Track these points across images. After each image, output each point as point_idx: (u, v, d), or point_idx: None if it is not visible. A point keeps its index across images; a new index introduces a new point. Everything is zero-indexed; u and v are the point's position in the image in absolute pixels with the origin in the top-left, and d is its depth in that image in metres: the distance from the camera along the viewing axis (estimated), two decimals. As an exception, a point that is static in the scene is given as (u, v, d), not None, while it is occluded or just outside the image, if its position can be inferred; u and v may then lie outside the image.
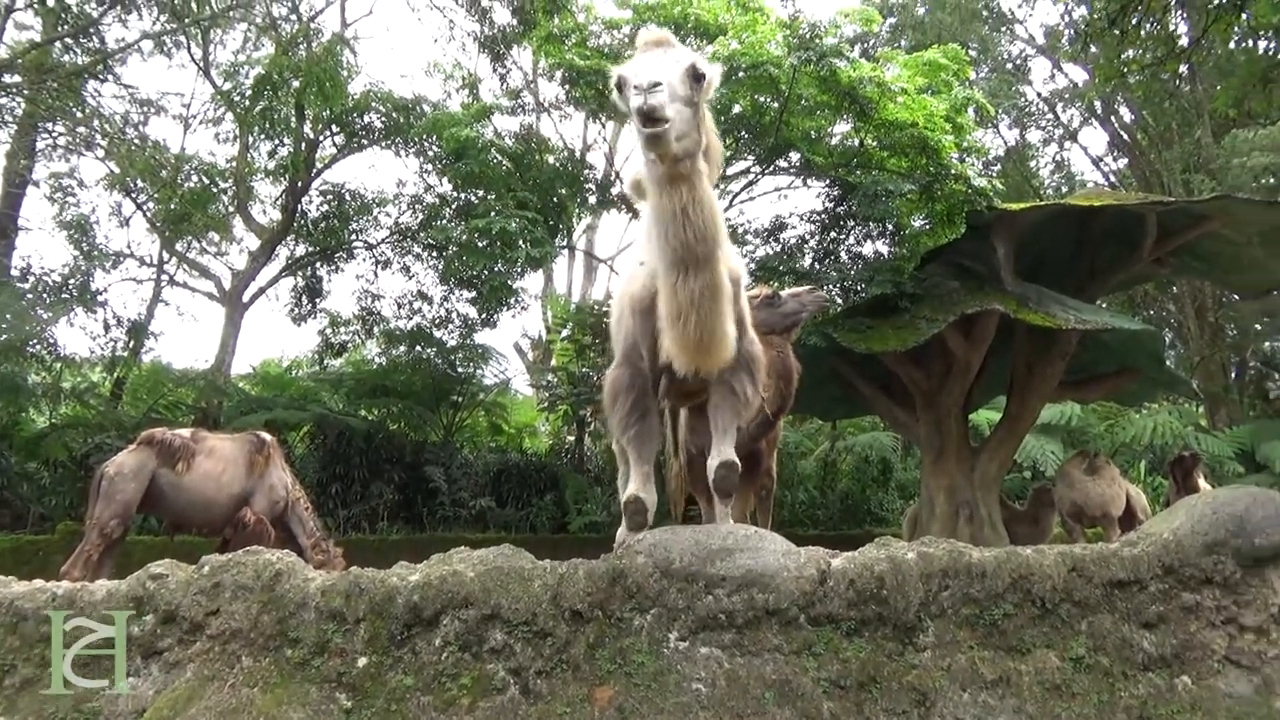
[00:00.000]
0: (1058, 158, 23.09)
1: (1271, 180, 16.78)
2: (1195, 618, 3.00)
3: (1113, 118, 21.57)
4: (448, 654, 2.84)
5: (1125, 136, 21.70)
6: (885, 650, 2.91)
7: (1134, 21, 7.76)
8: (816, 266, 13.00)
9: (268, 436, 8.03)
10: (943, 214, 11.90)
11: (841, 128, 12.51)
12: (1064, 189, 21.04)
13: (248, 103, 15.13)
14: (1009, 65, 22.33)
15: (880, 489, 16.23)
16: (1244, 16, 7.96)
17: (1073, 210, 11.58)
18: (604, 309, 16.41)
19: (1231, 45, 10.99)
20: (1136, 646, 2.95)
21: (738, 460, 3.52)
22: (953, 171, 11.05)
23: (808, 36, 11.14)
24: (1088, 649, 2.93)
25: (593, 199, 15.39)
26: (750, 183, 14.87)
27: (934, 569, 3.00)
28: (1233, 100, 9.55)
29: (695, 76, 2.87)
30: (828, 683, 2.84)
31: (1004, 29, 22.04)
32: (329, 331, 17.02)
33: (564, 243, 17.64)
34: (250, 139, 15.94)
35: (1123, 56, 8.84)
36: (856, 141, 11.98)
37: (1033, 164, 23.02)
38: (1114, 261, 12.14)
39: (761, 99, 12.35)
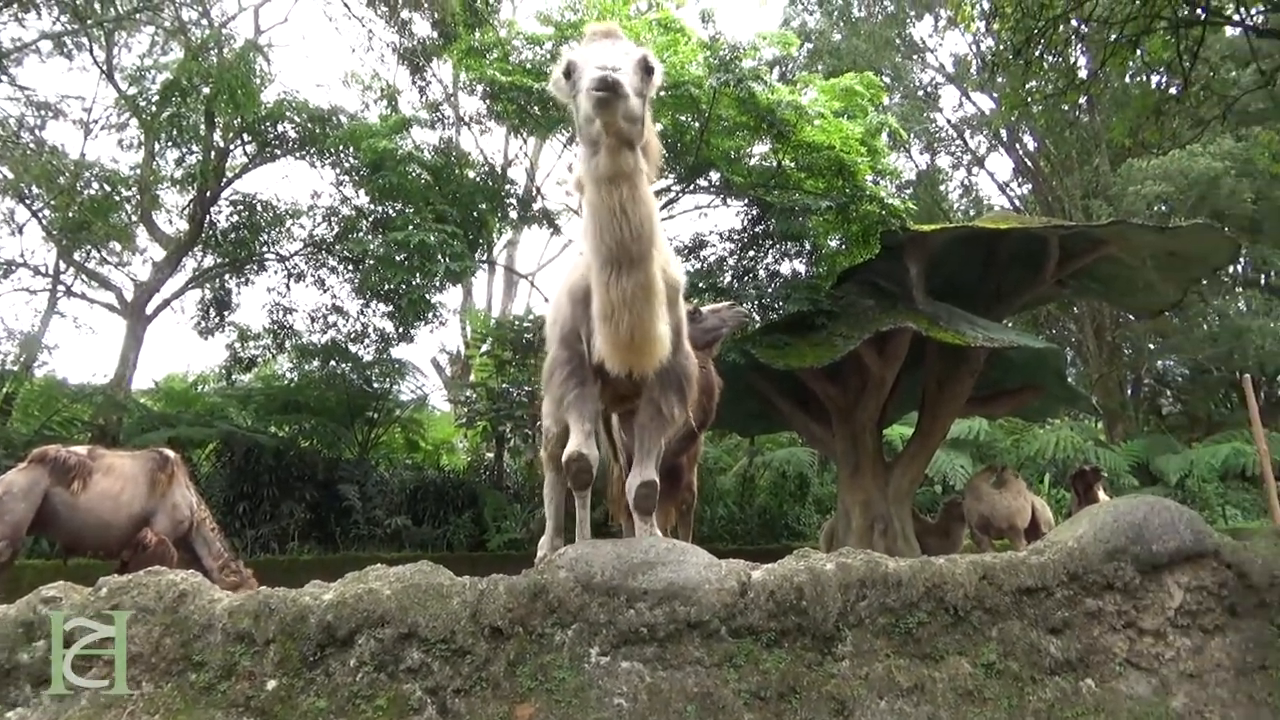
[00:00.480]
0: (966, 182, 24.09)
1: (1164, 207, 17.82)
2: (1098, 622, 3.11)
3: (1018, 145, 22.62)
4: (363, 675, 2.74)
5: (1029, 163, 22.76)
6: (805, 660, 2.93)
7: (1037, 53, 8.14)
8: (735, 284, 13.19)
9: (171, 454, 7.67)
10: (858, 234, 12.22)
11: (760, 148, 12.73)
12: (971, 212, 21.91)
13: (154, 108, 14.57)
14: (920, 92, 23.20)
15: (798, 504, 16.50)
16: (1139, 52, 8.43)
17: (981, 232, 12.05)
18: (524, 324, 16.30)
19: (1127, 79, 11.61)
20: (1044, 651, 3.04)
21: (658, 480, 3.52)
22: (867, 193, 11.38)
23: (727, 59, 11.33)
24: (998, 655, 3.01)
25: (514, 214, 15.31)
26: (671, 200, 15.01)
27: (852, 579, 3.05)
28: (1127, 130, 10.12)
29: (646, 69, 2.87)
30: (748, 694, 2.85)
31: (916, 57, 22.90)
32: (238, 346, 16.44)
33: (484, 257, 17.48)
34: (156, 146, 15.33)
35: (1026, 86, 9.24)
36: (774, 162, 12.21)
37: (943, 188, 23.92)
38: (1019, 282, 12.68)
39: (683, 118, 12.52)
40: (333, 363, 16.20)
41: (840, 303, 12.22)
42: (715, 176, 13.50)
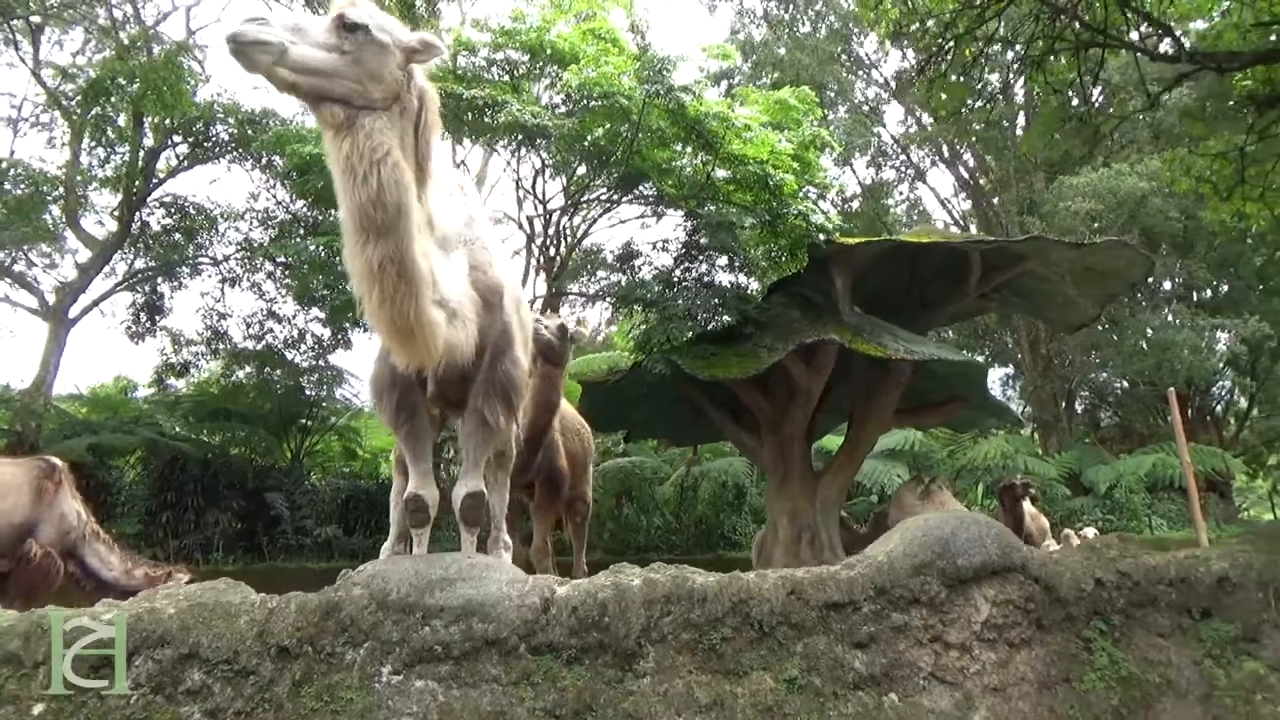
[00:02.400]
0: (909, 196, 24.41)
1: (1095, 224, 18.17)
2: (904, 636, 3.14)
3: (958, 161, 22.98)
4: (138, 697, 2.68)
5: (969, 179, 23.13)
6: (605, 677, 2.92)
7: (942, 70, 8.27)
8: (666, 294, 13.23)
9: (58, 461, 7.48)
10: (786, 247, 12.33)
11: (692, 160, 12.80)
12: (915, 226, 22.18)
13: (80, 107, 14.30)
14: (865, 107, 23.47)
15: (734, 513, 16.54)
16: (1042, 73, 8.59)
17: (905, 246, 12.18)
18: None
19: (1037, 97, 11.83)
20: (848, 666, 3.06)
21: (485, 490, 3.50)
22: (793, 207, 11.47)
23: (656, 70, 11.37)
24: (801, 670, 3.02)
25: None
26: (607, 209, 15.04)
27: (657, 595, 3.04)
28: (1036, 145, 10.29)
29: (346, 25, 2.92)
30: (543, 712, 2.83)
31: (860, 72, 23.19)
32: (170, 351, 16.15)
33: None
34: (84, 145, 15.04)
35: (944, 99, 9.38)
36: (704, 174, 12.27)
37: (889, 201, 24.21)
38: (944, 295, 12.82)
39: (616, 128, 12.55)
40: (268, 369, 15.97)
41: (768, 314, 12.29)
42: (651, 188, 13.55)
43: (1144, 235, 17.16)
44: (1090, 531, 11.83)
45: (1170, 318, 18.50)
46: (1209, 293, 23.30)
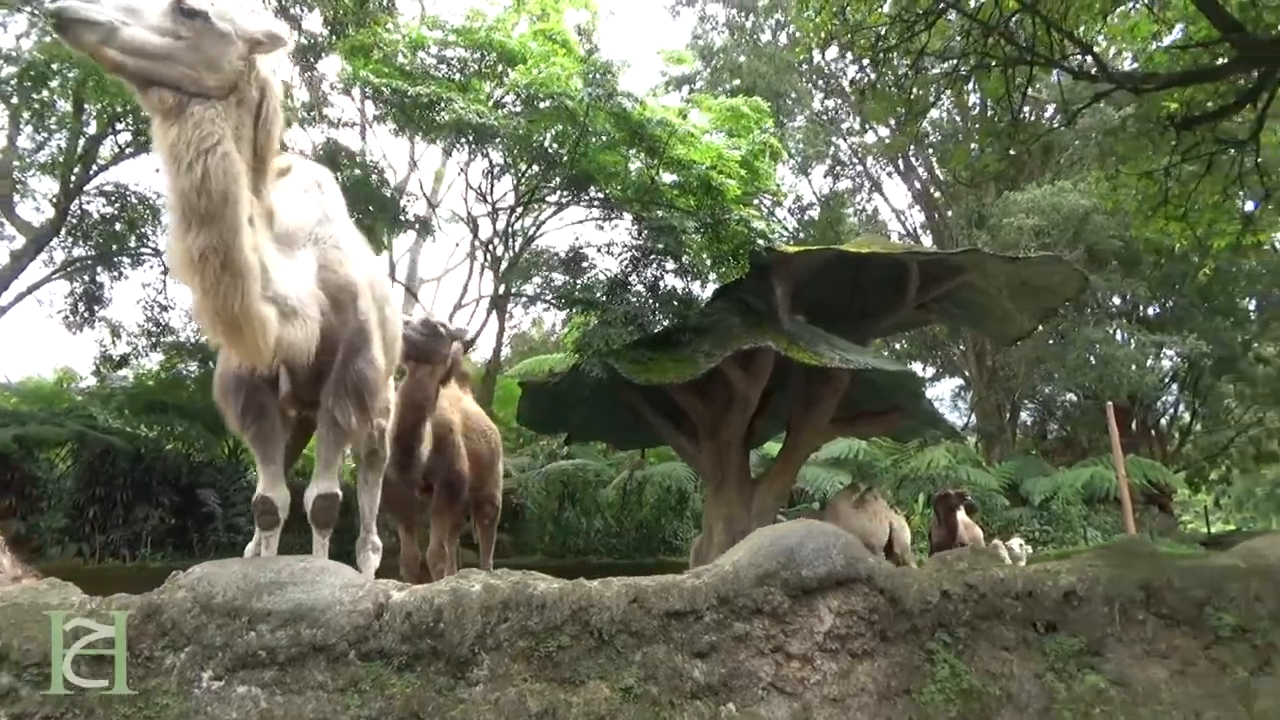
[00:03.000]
0: (865, 207, 24.64)
1: (1044, 240, 18.47)
2: (745, 646, 3.14)
3: (913, 174, 23.24)
4: (-59, 699, 2.61)
5: (923, 191, 23.40)
6: (435, 685, 2.89)
7: (873, 81, 8.36)
8: (611, 297, 13.22)
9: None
10: (728, 252, 12.39)
11: (638, 165, 12.81)
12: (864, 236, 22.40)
13: (18, 91, 13.97)
14: (824, 117, 23.67)
15: (676, 518, 16.56)
16: (971, 87, 8.72)
17: (846, 256, 12.28)
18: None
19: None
20: (687, 675, 3.06)
21: (338, 492, 3.47)
22: (734, 213, 11.53)
23: (601, 74, 11.38)
24: (638, 679, 3.01)
25: (404, 219, 15.09)
26: (557, 210, 15.00)
27: (495, 601, 3.02)
28: (961, 160, 10.43)
29: (184, 11, 2.88)
30: None
31: (820, 81, 23.36)
32: (109, 342, 15.87)
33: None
34: (22, 130, 14.74)
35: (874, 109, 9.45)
36: (648, 178, 12.28)
37: (846, 211, 24.40)
38: (884, 306, 12.96)
39: (565, 130, 12.52)
40: (211, 363, 15.71)
41: (709, 320, 12.34)
42: (599, 191, 13.54)
43: (1088, 251, 17.47)
44: (1016, 542, 11.99)
45: (1114, 333, 18.84)
46: (1154, 310, 23.80)
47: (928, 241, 22.35)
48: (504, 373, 17.75)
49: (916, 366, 25.95)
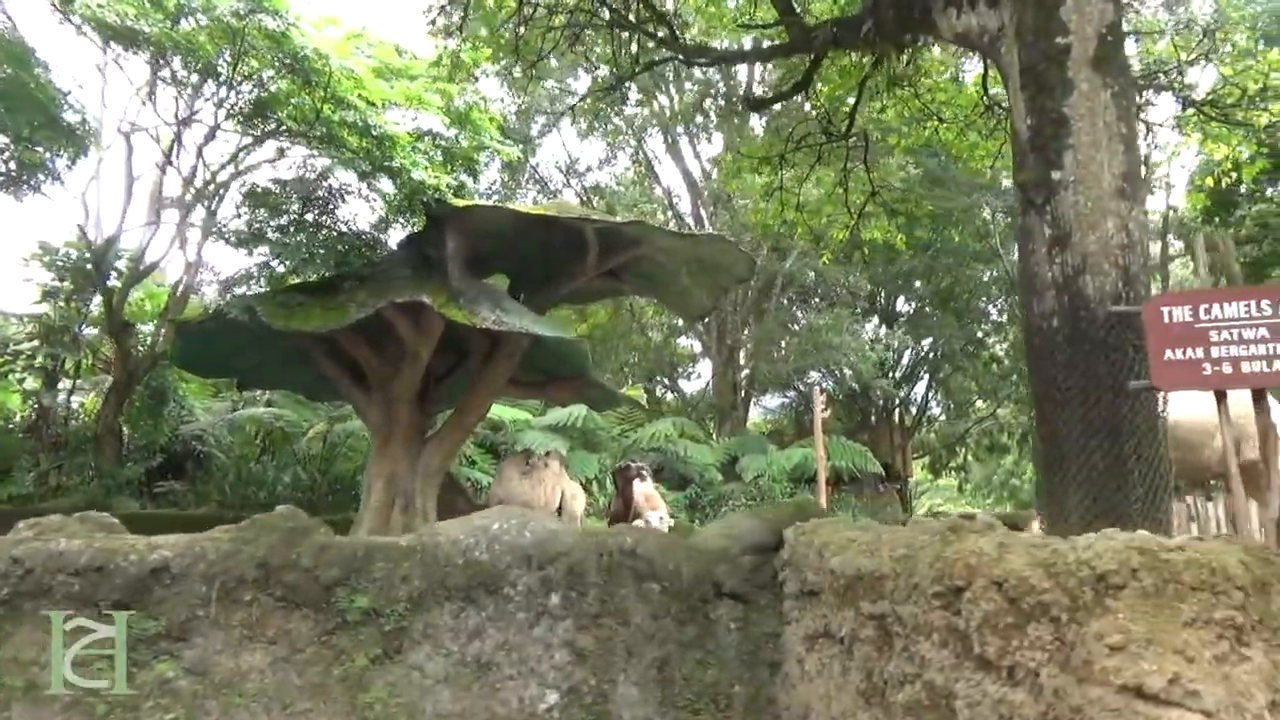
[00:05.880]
0: (641, 181, 24.47)
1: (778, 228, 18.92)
2: None
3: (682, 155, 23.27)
4: None
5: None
6: None
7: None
8: (287, 236, 12.42)
9: None
10: (400, 202, 11.87)
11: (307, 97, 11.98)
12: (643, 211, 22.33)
13: None
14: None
15: (374, 473, 16.00)
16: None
17: (524, 217, 11.97)
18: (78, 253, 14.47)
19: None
20: None
21: None
22: (396, 161, 10.99)
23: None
24: None
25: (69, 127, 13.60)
26: (256, 142, 13.92)
27: None
28: (732, 172, 10.36)
29: None
30: None
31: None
32: None
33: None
34: None
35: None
36: (313, 114, 11.50)
37: (620, 187, 24.15)
38: (567, 271, 12.75)
39: (236, 48, 11.52)
40: None
41: (378, 270, 11.80)
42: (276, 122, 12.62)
43: (815, 239, 17.99)
44: (656, 515, 12.14)
45: (847, 324, 19.57)
46: (906, 305, 25.08)
47: (695, 225, 22.44)
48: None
49: (685, 341, 26.39)
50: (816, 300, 20.14)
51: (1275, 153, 14.66)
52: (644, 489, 13.79)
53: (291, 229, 12.59)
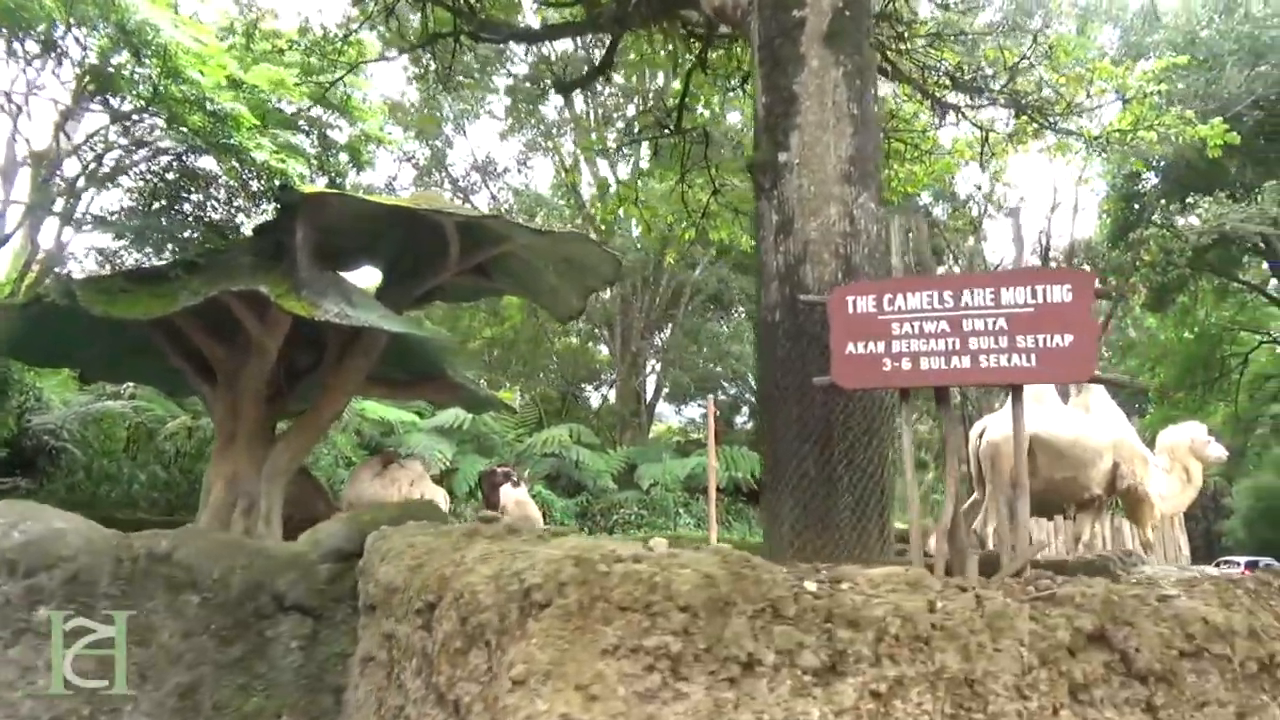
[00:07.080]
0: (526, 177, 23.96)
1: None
2: None
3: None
4: None
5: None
6: None
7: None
8: (138, 219, 11.80)
9: None
10: (262, 189, 11.31)
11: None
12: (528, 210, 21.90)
13: None
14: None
15: (237, 473, 15.31)
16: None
17: (382, 209, 11.47)
18: None
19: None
20: None
21: None
22: (235, 140, 10.44)
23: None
24: None
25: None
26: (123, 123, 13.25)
27: None
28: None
29: None
30: None
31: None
32: None
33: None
34: None
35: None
36: (151, 89, 10.92)
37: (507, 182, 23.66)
38: (430, 266, 12.27)
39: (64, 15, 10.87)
40: None
41: (221, 257, 11.19)
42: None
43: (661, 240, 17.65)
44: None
45: (737, 331, 19.28)
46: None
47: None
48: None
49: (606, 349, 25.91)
50: (736, 310, 19.83)
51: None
52: (515, 494, 13.35)
53: (140, 212, 11.98)
